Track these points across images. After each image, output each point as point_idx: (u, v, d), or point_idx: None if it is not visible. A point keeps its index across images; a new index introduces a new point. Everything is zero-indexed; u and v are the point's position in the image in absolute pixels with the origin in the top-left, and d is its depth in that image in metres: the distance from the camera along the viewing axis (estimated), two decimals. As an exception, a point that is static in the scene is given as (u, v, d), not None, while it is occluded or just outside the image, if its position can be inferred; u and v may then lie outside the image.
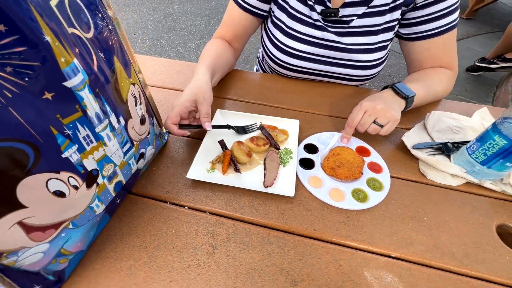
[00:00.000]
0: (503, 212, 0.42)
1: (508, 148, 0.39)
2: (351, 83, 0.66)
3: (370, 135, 0.51)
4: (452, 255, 0.36)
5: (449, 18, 0.55)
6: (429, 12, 0.54)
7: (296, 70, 0.64)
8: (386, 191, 0.43)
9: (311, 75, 0.65)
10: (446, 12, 0.54)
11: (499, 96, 1.95)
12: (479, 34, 3.05)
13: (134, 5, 3.16)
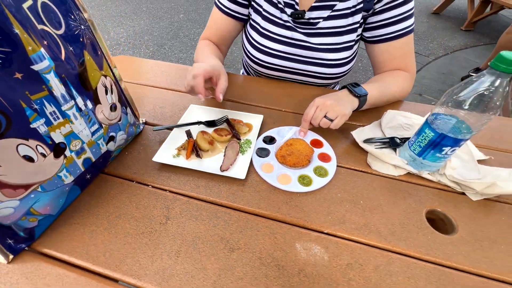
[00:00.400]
0: (435, 199, 0.45)
1: (435, 139, 0.43)
2: (322, 81, 0.71)
3: (328, 130, 0.56)
4: (379, 233, 0.40)
5: (405, 24, 0.61)
6: (387, 17, 0.60)
7: (271, 68, 0.71)
8: (330, 178, 0.47)
9: (285, 72, 0.71)
10: (402, 17, 0.60)
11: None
12: (477, 45, 3.09)
13: (142, 13, 3.33)
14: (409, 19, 0.61)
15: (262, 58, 0.69)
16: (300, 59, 0.67)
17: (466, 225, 0.42)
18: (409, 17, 0.61)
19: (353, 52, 0.67)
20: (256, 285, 0.34)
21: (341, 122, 0.52)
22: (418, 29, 3.19)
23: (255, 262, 0.36)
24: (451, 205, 0.44)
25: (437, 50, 2.81)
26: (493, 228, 0.41)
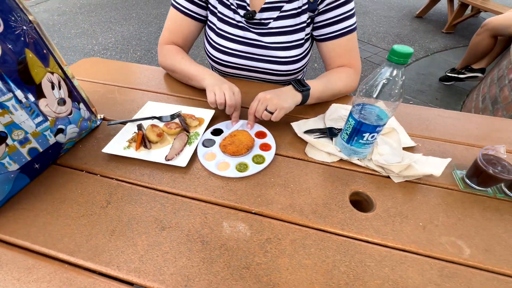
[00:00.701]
0: (361, 182, 0.49)
1: (356, 127, 0.47)
2: (278, 77, 0.75)
3: (274, 123, 0.60)
4: (302, 212, 0.44)
5: (347, 23, 0.65)
6: (330, 17, 0.65)
7: (230, 66, 0.75)
8: (266, 165, 0.51)
9: (244, 70, 0.75)
10: (344, 17, 0.65)
11: (466, 104, 2.03)
12: (456, 47, 3.19)
13: (131, 19, 3.38)
14: (350, 18, 0.66)
15: (220, 57, 0.73)
16: (255, 57, 0.72)
17: (383, 204, 0.46)
18: (350, 16, 0.66)
19: (304, 50, 0.72)
20: (179, 258, 0.38)
21: (281, 115, 0.56)
22: (401, 32, 3.29)
23: (182, 239, 0.40)
24: (374, 187, 0.48)
25: (418, 52, 2.89)
26: (407, 206, 0.45)
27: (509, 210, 0.45)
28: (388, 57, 0.39)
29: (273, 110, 0.56)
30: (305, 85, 0.61)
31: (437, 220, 0.43)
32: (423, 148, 0.57)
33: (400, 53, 0.38)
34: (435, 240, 0.41)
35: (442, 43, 3.11)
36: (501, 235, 0.42)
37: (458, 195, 0.47)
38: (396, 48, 0.38)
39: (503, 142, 0.60)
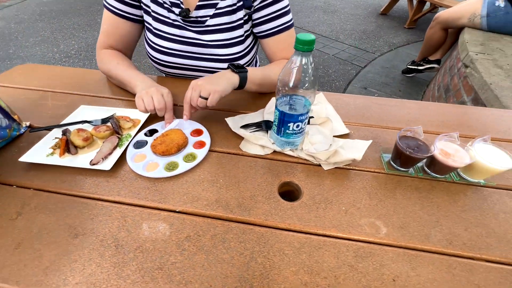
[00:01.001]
0: (292, 172, 0.50)
1: (281, 117, 0.48)
2: None
3: (212, 119, 0.60)
4: (227, 206, 0.43)
5: (285, 19, 0.66)
6: (266, 13, 0.65)
7: (170, 66, 0.73)
8: (197, 162, 0.50)
9: (185, 70, 0.74)
10: (280, 14, 0.66)
11: (426, 93, 2.15)
12: (418, 41, 3.36)
13: (96, 25, 3.25)
14: (286, 15, 0.67)
15: (160, 57, 0.71)
16: (196, 56, 0.71)
17: (311, 192, 0.46)
18: (287, 13, 0.67)
19: (246, 47, 0.72)
20: (88, 265, 0.35)
21: (215, 98, 0.54)
22: (367, 28, 3.42)
23: (95, 245, 0.38)
24: (303, 176, 0.49)
25: (383, 47, 3.02)
26: (333, 192, 0.46)
27: (428, 187, 0.47)
28: (295, 47, 0.39)
29: (206, 95, 0.54)
30: (243, 68, 0.60)
31: (360, 203, 0.44)
32: (357, 135, 0.58)
33: (303, 41, 0.38)
34: (355, 223, 0.41)
35: (405, 38, 3.27)
36: (417, 212, 0.43)
37: (383, 178, 0.49)
38: (300, 37, 0.38)
39: (429, 123, 0.63)
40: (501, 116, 0.67)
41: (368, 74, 2.55)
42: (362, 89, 2.33)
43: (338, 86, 2.39)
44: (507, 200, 0.45)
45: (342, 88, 2.36)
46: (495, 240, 0.40)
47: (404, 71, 2.44)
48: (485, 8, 1.64)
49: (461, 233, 0.40)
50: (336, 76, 2.51)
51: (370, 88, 2.33)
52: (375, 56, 2.95)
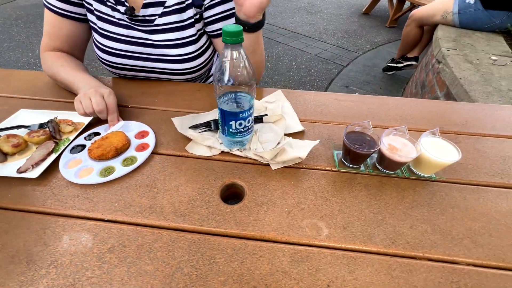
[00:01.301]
0: (238, 173, 0.47)
1: (221, 116, 0.45)
2: (177, 77, 0.71)
3: (164, 120, 0.57)
4: (161, 212, 0.40)
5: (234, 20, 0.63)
6: (218, 12, 0.63)
7: (120, 68, 0.69)
8: (136, 166, 0.47)
9: (136, 71, 0.70)
10: (231, 13, 0.63)
11: (405, 90, 2.17)
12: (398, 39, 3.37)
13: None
14: None
15: (108, 58, 0.68)
16: (145, 56, 0.67)
17: (254, 193, 0.44)
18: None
19: (200, 47, 0.68)
20: (-9, 285, 0.32)
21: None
22: (349, 28, 3.46)
23: (3, 262, 0.34)
24: (249, 177, 0.46)
25: (365, 46, 3.06)
26: (278, 192, 0.44)
27: (377, 184, 0.45)
28: (223, 40, 0.37)
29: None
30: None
31: (304, 203, 0.42)
32: (311, 132, 0.56)
33: (230, 32, 0.36)
34: (296, 225, 0.39)
35: (386, 36, 3.32)
36: (363, 210, 0.41)
37: (332, 176, 0.47)
38: (225, 28, 0.36)
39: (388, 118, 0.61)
40: (460, 108, 0.67)
41: (350, 73, 2.57)
42: (344, 87, 2.34)
43: (320, 85, 2.39)
44: (456, 195, 0.44)
45: (323, 87, 2.36)
46: (440, 237, 0.38)
47: (384, 69, 2.46)
48: (457, 5, 1.67)
49: (406, 231, 0.38)
50: (318, 76, 2.51)
51: (351, 87, 2.35)
52: (357, 55, 2.98)
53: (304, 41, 3.10)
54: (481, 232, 0.39)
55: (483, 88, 1.14)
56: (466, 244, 0.37)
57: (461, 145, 0.54)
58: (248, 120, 0.46)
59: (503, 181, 0.47)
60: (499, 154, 0.52)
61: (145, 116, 0.60)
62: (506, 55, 1.41)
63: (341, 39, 3.19)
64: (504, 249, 0.37)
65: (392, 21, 3.52)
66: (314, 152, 0.51)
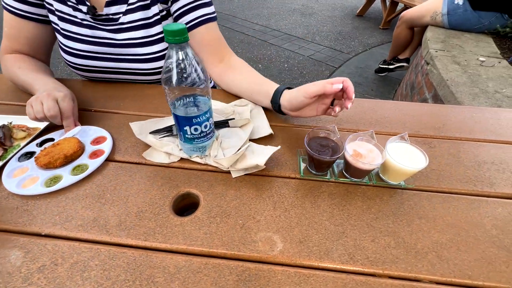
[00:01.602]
0: (195, 182, 0.44)
1: (176, 121, 0.42)
2: (146, 77, 0.68)
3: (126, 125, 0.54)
4: (104, 226, 0.37)
5: (204, 10, 0.61)
6: (183, 4, 0.60)
7: (86, 70, 0.66)
8: (86, 174, 0.44)
9: (104, 73, 0.67)
10: (198, 4, 0.60)
11: (397, 92, 2.16)
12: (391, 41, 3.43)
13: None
14: (207, 7, 0.61)
15: (72, 60, 0.65)
16: (111, 57, 0.64)
17: (209, 204, 0.41)
18: (206, 4, 0.61)
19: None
20: None
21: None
22: (343, 30, 3.45)
23: None
24: (207, 186, 0.43)
25: (358, 47, 3.05)
26: (234, 202, 0.41)
27: (343, 193, 0.43)
28: (166, 40, 0.34)
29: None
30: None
31: (261, 215, 0.39)
32: (279, 136, 0.53)
33: (172, 31, 0.33)
34: (249, 239, 0.36)
35: (379, 38, 3.32)
36: (324, 222, 0.38)
37: (295, 184, 0.44)
38: (167, 28, 0.33)
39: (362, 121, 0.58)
40: (438, 111, 0.64)
41: (342, 75, 2.55)
42: (335, 89, 2.32)
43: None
44: (425, 204, 0.41)
45: (315, 89, 2.34)
46: (403, 251, 0.35)
47: (376, 70, 2.45)
48: (446, 6, 1.66)
49: (367, 245, 0.36)
50: (310, 77, 2.49)
51: (343, 88, 2.33)
52: (350, 56, 2.96)
53: (297, 43, 3.08)
54: (448, 245, 0.36)
55: (470, 89, 1.12)
56: (431, 259, 0.34)
57: (436, 149, 0.52)
58: (204, 125, 0.43)
59: (476, 188, 0.44)
60: (474, 159, 0.50)
61: (108, 120, 0.57)
62: (494, 56, 1.39)
63: (334, 41, 3.18)
64: (471, 265, 0.34)
65: (386, 22, 3.52)
66: (279, 159, 0.49)
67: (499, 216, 0.40)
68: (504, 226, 0.38)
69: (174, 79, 0.37)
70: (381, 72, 2.39)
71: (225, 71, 0.65)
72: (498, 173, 0.47)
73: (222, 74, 0.66)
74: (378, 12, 4.05)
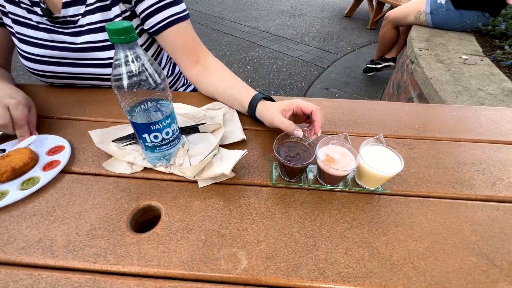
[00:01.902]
0: (157, 193, 0.40)
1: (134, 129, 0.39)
2: (107, 82, 0.64)
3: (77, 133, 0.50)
4: (50, 248, 0.33)
5: (174, 9, 0.57)
6: (149, 4, 0.56)
7: (46, 76, 0.62)
8: (34, 190, 0.39)
9: (66, 79, 0.63)
10: (167, 3, 0.56)
11: (385, 91, 2.17)
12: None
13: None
14: (177, 5, 0.58)
15: (31, 66, 0.60)
16: (72, 62, 0.60)
17: (171, 218, 0.37)
18: (175, 3, 0.58)
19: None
20: None
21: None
22: (331, 30, 3.47)
23: None
24: (170, 197, 0.40)
25: (346, 47, 3.06)
26: (198, 215, 0.37)
27: (316, 201, 0.40)
28: (111, 41, 0.31)
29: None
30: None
31: (227, 228, 0.36)
32: (253, 141, 0.51)
33: (116, 30, 0.29)
34: (211, 256, 0.33)
35: (367, 38, 3.35)
36: (294, 234, 0.36)
37: (266, 193, 0.41)
38: (110, 26, 0.29)
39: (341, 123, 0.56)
40: (420, 110, 0.62)
41: (331, 75, 2.55)
42: (324, 89, 2.31)
43: (300, 88, 2.36)
44: (403, 210, 0.39)
45: (304, 90, 2.33)
46: (378, 264, 0.33)
47: (364, 70, 2.46)
48: (429, 6, 1.67)
49: (339, 259, 0.33)
50: (298, 78, 2.48)
51: (332, 89, 2.32)
52: (338, 56, 2.97)
53: (286, 44, 3.08)
54: (425, 255, 0.34)
55: (453, 87, 1.11)
56: (407, 271, 0.32)
57: (415, 151, 0.50)
58: (166, 132, 0.40)
59: (456, 191, 0.42)
60: (454, 160, 0.48)
61: (69, 128, 0.53)
62: (477, 54, 1.41)
63: (323, 42, 3.19)
64: (448, 276, 0.32)
65: (373, 23, 3.56)
66: (251, 165, 0.46)
67: (478, 220, 0.38)
68: (483, 232, 0.36)
69: (125, 84, 0.33)
70: (369, 72, 2.40)
71: (202, 73, 0.62)
72: (477, 174, 0.45)
73: (198, 76, 0.62)
74: (366, 13, 4.09)
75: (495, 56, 1.37)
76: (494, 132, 0.55)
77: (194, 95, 0.65)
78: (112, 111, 0.59)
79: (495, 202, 0.41)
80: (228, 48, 2.91)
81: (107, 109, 0.59)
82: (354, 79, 2.44)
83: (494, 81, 1.17)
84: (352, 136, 0.53)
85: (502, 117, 0.60)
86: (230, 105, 0.59)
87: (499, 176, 0.45)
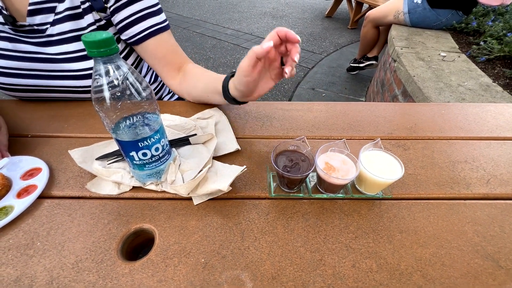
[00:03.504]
0: (149, 214, 0.37)
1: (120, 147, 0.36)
2: (85, 95, 0.60)
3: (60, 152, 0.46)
4: (30, 287, 0.30)
5: (155, 19, 0.55)
6: (128, 14, 0.53)
7: (12, 89, 0.57)
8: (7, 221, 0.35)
9: (34, 92, 0.58)
10: (146, 13, 0.54)
11: (369, 89, 2.22)
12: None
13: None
14: (157, 15, 0.55)
15: None
16: (39, 73, 0.55)
17: (166, 241, 0.34)
18: (156, 13, 0.55)
19: None
20: None
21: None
22: (314, 31, 3.52)
23: None
24: (163, 218, 0.37)
25: (329, 47, 3.12)
26: (196, 236, 0.35)
27: (318, 212, 0.39)
28: (89, 54, 0.28)
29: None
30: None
31: (227, 248, 0.34)
32: (248, 151, 0.49)
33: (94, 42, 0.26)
34: (213, 281, 0.31)
35: (349, 37, 3.43)
36: (299, 249, 0.34)
37: (266, 206, 0.39)
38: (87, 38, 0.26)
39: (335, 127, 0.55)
40: (409, 110, 0.63)
41: (316, 75, 2.58)
42: (310, 90, 2.34)
43: (286, 89, 2.37)
44: (405, 214, 0.39)
45: (290, 91, 2.34)
46: (387, 274, 0.32)
47: (348, 69, 2.51)
48: (406, 5, 1.73)
49: (347, 272, 0.32)
50: (284, 79, 2.49)
51: (318, 89, 2.35)
52: (322, 56, 3.02)
53: (270, 46, 3.09)
54: (432, 261, 0.33)
55: (435, 84, 1.15)
56: (416, 280, 0.31)
57: (410, 151, 0.50)
58: (155, 148, 0.37)
59: (453, 191, 0.42)
60: (448, 159, 0.48)
61: (46, 147, 0.49)
62: (454, 51, 1.47)
63: (306, 42, 3.23)
64: (457, 282, 0.31)
65: (353, 22, 3.65)
66: (247, 177, 0.44)
67: (478, 220, 0.38)
68: (485, 232, 0.36)
69: (108, 99, 0.30)
70: (352, 71, 2.45)
71: (183, 81, 0.59)
72: (472, 172, 0.46)
73: (181, 84, 0.60)
74: (346, 13, 4.19)
75: (471, 52, 1.44)
76: (482, 129, 0.57)
77: (182, 103, 0.62)
78: (94, 124, 0.55)
79: (492, 200, 0.41)
80: (212, 51, 2.87)
81: (88, 122, 0.55)
82: (339, 78, 2.48)
83: (472, 76, 1.22)
84: (348, 140, 0.52)
85: (488, 113, 0.62)
86: (214, 101, 0.56)
87: (492, 173, 0.46)
